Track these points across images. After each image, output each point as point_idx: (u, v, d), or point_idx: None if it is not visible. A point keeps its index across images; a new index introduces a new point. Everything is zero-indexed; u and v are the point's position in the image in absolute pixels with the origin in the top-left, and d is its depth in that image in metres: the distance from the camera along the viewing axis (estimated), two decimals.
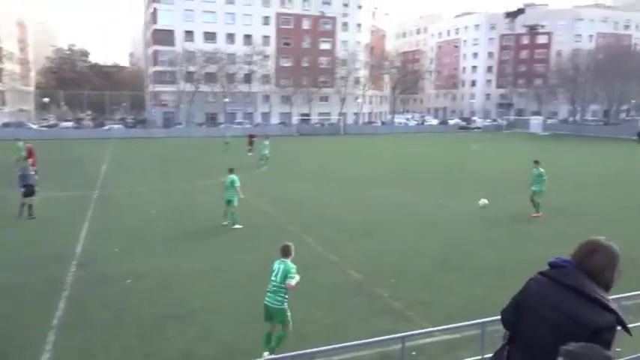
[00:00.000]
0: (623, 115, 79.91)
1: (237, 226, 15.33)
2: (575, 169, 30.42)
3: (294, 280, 7.25)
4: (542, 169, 17.33)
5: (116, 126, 70.62)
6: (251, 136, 40.22)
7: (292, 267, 7.36)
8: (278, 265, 7.42)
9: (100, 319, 8.89)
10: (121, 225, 16.03)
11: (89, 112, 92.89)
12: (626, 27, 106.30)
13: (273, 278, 7.37)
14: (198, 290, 10.27)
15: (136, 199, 20.59)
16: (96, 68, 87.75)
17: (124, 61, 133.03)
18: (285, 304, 7.36)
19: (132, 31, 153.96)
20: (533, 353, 2.83)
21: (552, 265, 2.94)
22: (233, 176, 15.55)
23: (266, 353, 7.36)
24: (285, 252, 7.55)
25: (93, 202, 19.72)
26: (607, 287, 2.77)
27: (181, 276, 11.11)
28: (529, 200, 17.33)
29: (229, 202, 15.49)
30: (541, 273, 2.94)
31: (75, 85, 77.04)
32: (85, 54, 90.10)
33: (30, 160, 20.26)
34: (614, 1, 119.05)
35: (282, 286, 7.26)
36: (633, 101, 79.58)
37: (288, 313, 7.40)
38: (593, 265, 2.76)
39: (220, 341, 8.07)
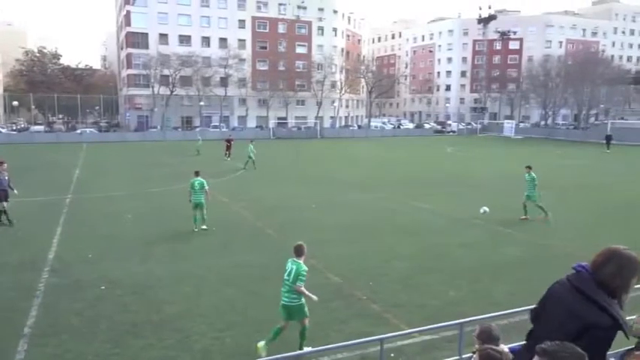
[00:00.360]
0: (592, 119, 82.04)
1: (205, 227, 15.27)
2: (548, 171, 31.12)
3: (302, 284, 7.39)
4: (533, 174, 17.26)
5: (89, 130, 69.31)
6: (228, 141, 38.52)
7: (304, 269, 7.48)
8: (291, 265, 7.57)
9: (74, 326, 8.69)
10: (95, 230, 15.72)
11: (61, 116, 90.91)
12: (594, 34, 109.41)
13: (286, 277, 7.51)
14: (173, 296, 10.13)
15: (110, 203, 20.22)
16: (68, 71, 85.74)
17: (96, 64, 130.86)
18: (302, 299, 7.48)
19: (104, 34, 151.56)
20: None
21: (574, 269, 3.16)
22: (201, 179, 15.42)
23: (262, 342, 7.50)
24: (299, 251, 7.69)
25: (66, 207, 19.30)
26: (615, 294, 2.91)
27: (156, 282, 10.94)
28: (522, 203, 17.21)
29: (200, 204, 15.31)
30: (567, 276, 3.15)
31: (46, 88, 75.16)
32: (57, 56, 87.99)
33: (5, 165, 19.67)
34: (582, 8, 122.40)
35: (293, 285, 7.43)
36: (602, 106, 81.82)
37: (306, 307, 7.56)
38: (605, 273, 2.93)
39: (197, 347, 7.97)
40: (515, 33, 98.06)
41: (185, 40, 78.78)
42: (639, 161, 38.60)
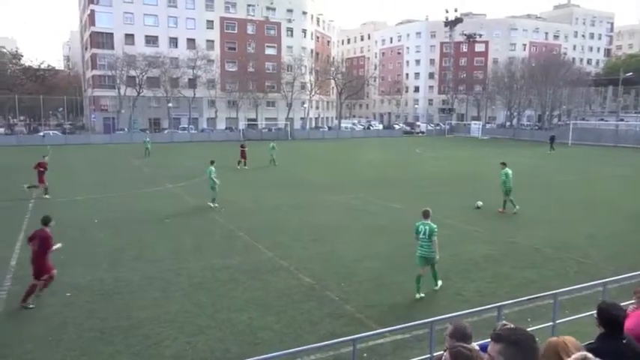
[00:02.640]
0: (555, 120, 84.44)
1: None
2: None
3: (435, 237, 9.83)
4: (507, 170, 18.42)
5: (52, 132, 67.37)
6: (242, 147, 34.10)
7: (435, 227, 9.86)
8: (423, 227, 9.88)
9: (39, 334, 8.43)
10: (60, 235, 15.16)
11: (22, 118, 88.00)
12: (556, 37, 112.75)
13: (422, 236, 9.87)
14: (142, 301, 9.94)
15: (75, 208, 19.70)
16: (29, 72, 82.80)
17: (59, 64, 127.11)
18: (435, 252, 9.81)
19: (67, 34, 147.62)
20: None
21: None
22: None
23: (418, 295, 9.81)
24: (426, 215, 10.12)
25: (29, 212, 18.69)
26: None
27: (125, 287, 10.72)
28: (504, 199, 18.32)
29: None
30: None
31: (6, 89, 72.52)
32: (17, 57, 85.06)
33: None
34: (544, 12, 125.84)
35: (431, 241, 9.74)
36: (564, 107, 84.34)
37: (437, 256, 9.95)
38: None
39: (168, 353, 7.84)
40: (480, 36, 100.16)
41: (152, 40, 77.43)
42: (576, 159, 39.94)
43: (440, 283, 10.46)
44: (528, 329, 3.21)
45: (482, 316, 7.78)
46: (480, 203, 16.33)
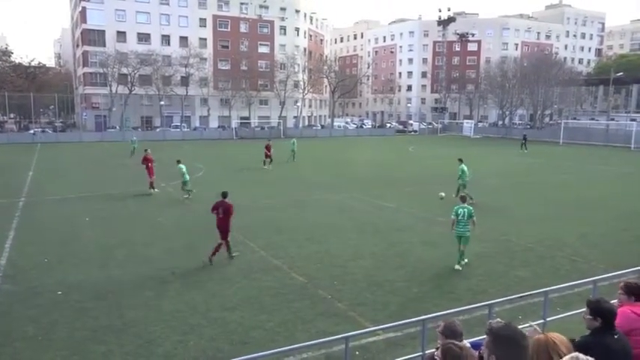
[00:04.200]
0: (547, 119, 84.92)
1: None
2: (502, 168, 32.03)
3: (474, 217, 11.59)
4: (463, 166, 20.27)
5: (43, 130, 66.83)
6: (267, 148, 32.54)
7: (472, 209, 11.74)
8: (462, 210, 11.56)
9: (29, 334, 8.36)
10: (51, 234, 15.17)
11: (12, 116, 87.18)
12: (547, 37, 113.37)
13: (460, 218, 11.49)
14: (134, 300, 9.89)
15: (66, 206, 19.55)
16: (20, 69, 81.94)
17: (50, 62, 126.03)
18: (470, 231, 11.53)
19: (58, 31, 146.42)
20: None
21: None
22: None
23: (457, 266, 11.57)
24: (464, 199, 12.20)
25: (19, 211, 18.54)
26: None
27: (116, 286, 10.66)
28: (456, 191, 19.44)
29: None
30: None
31: None
32: (7, 54, 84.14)
33: None
34: (536, 12, 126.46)
35: (469, 221, 11.47)
36: (556, 106, 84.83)
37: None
38: None
39: (160, 352, 7.81)
40: (473, 35, 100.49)
41: (144, 38, 76.96)
42: (568, 158, 40.22)
43: (465, 261, 11.75)
44: (519, 327, 3.23)
45: (474, 314, 7.82)
46: (442, 194, 16.33)
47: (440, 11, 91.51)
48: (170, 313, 9.24)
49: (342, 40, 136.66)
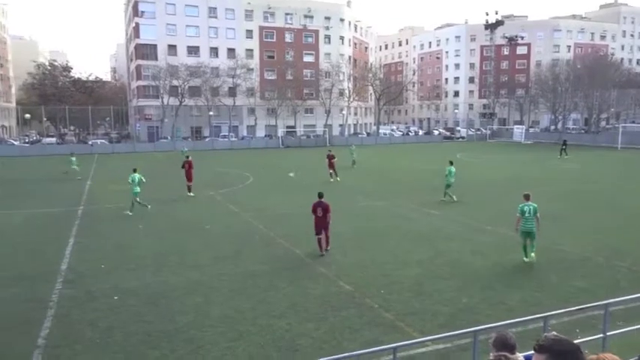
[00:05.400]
0: (603, 124, 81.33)
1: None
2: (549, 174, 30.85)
3: (539, 213, 12.39)
4: (451, 168, 21.62)
5: (100, 141, 70.00)
6: (331, 157, 30.21)
7: (536, 205, 12.39)
8: (527, 207, 12.28)
9: (87, 337, 8.73)
10: (107, 241, 15.81)
11: (72, 128, 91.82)
12: (602, 37, 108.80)
13: (527, 215, 12.24)
14: (186, 306, 10.14)
15: (121, 214, 20.34)
16: (79, 83, 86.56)
17: (107, 76, 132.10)
18: (536, 227, 12.30)
19: (114, 46, 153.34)
20: None
21: None
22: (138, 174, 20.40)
23: (526, 259, 12.44)
24: (528, 198, 12.53)
25: (78, 219, 19.44)
26: None
27: (169, 291, 10.97)
28: (444, 191, 21.29)
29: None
30: None
31: (57, 100, 76.04)
32: (67, 69, 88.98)
33: None
34: (589, 12, 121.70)
35: (534, 217, 12.19)
36: (612, 110, 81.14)
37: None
38: None
39: (210, 358, 7.96)
40: (522, 38, 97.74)
41: (193, 50, 79.43)
42: (627, 164, 38.17)
43: (533, 255, 12.39)
44: (576, 341, 3.08)
45: (528, 327, 7.54)
46: (291, 174, 16.06)
47: (487, 15, 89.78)
48: (219, 318, 9.42)
49: (386, 47, 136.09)
